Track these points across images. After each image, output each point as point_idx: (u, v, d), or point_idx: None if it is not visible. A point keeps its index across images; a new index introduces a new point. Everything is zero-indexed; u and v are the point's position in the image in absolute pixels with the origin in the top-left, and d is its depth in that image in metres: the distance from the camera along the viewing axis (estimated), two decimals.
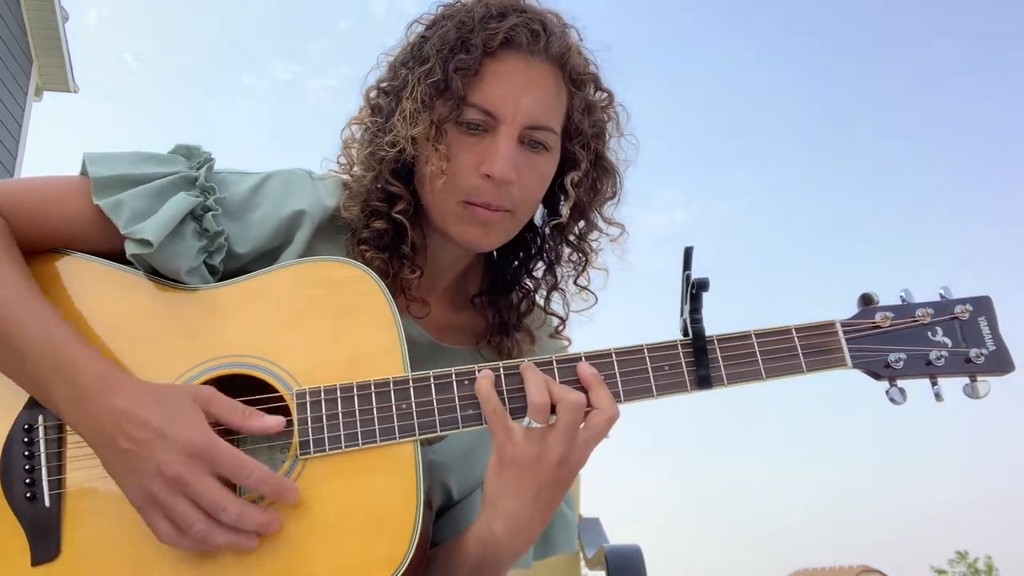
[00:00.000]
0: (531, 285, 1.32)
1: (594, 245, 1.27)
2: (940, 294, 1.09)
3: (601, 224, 1.26)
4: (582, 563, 2.35)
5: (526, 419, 1.01)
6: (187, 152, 1.19)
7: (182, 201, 1.12)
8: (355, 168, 1.22)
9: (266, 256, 1.19)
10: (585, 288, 1.29)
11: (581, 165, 1.20)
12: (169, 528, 0.97)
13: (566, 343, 1.34)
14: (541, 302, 1.32)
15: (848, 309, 1.10)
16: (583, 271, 1.28)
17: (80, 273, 1.13)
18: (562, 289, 1.30)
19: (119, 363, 1.08)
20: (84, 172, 1.14)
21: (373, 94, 1.22)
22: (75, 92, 11.35)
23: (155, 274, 1.13)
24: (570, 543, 1.34)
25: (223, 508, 0.95)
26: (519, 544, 1.06)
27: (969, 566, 35.97)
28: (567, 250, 1.28)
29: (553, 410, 1.01)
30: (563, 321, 1.32)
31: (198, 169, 1.17)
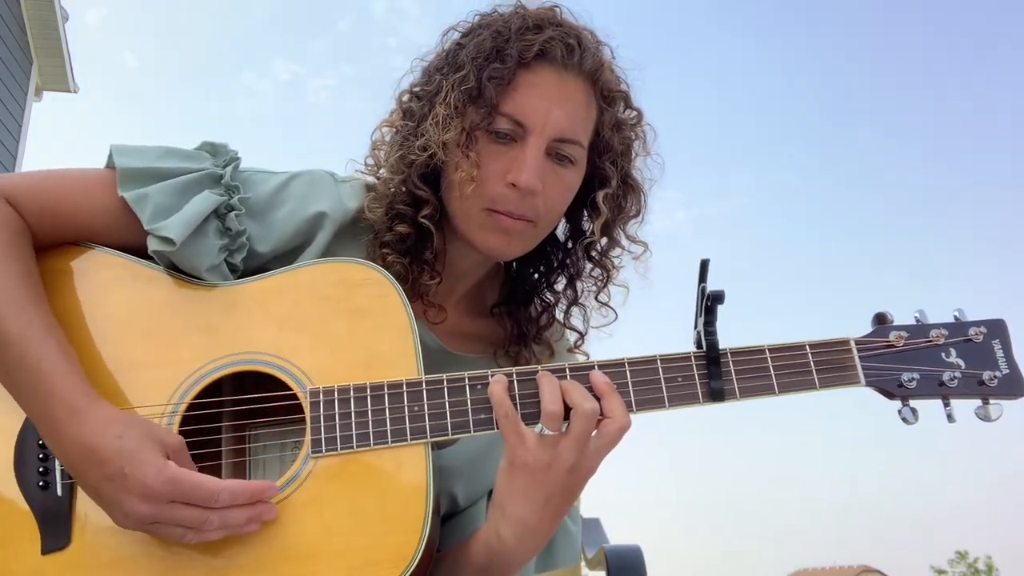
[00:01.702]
0: (551, 298, 1.32)
1: (616, 262, 1.27)
2: (955, 316, 1.10)
3: (624, 242, 1.26)
4: (582, 563, 2.36)
5: (539, 425, 1.02)
6: (213, 149, 1.20)
7: (206, 199, 1.13)
8: (382, 170, 1.23)
9: (286, 256, 1.19)
10: (606, 304, 1.29)
11: (611, 182, 1.20)
12: (166, 537, 0.99)
13: (584, 358, 1.33)
14: (560, 316, 1.32)
15: (847, 308, 1.14)
16: (604, 287, 1.28)
17: (99, 266, 1.14)
18: (583, 304, 1.30)
19: (132, 358, 1.09)
20: (110, 164, 1.15)
21: (406, 98, 1.23)
22: (75, 92, 11.34)
23: (175, 269, 1.14)
24: (573, 556, 1.34)
25: (203, 522, 0.97)
26: (525, 550, 1.06)
27: (969, 566, 35.89)
28: (589, 265, 1.29)
29: (566, 417, 1.02)
30: (582, 336, 1.32)
31: (224, 167, 1.17)
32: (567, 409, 1.02)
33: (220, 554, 1.01)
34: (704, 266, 1.06)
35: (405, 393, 1.06)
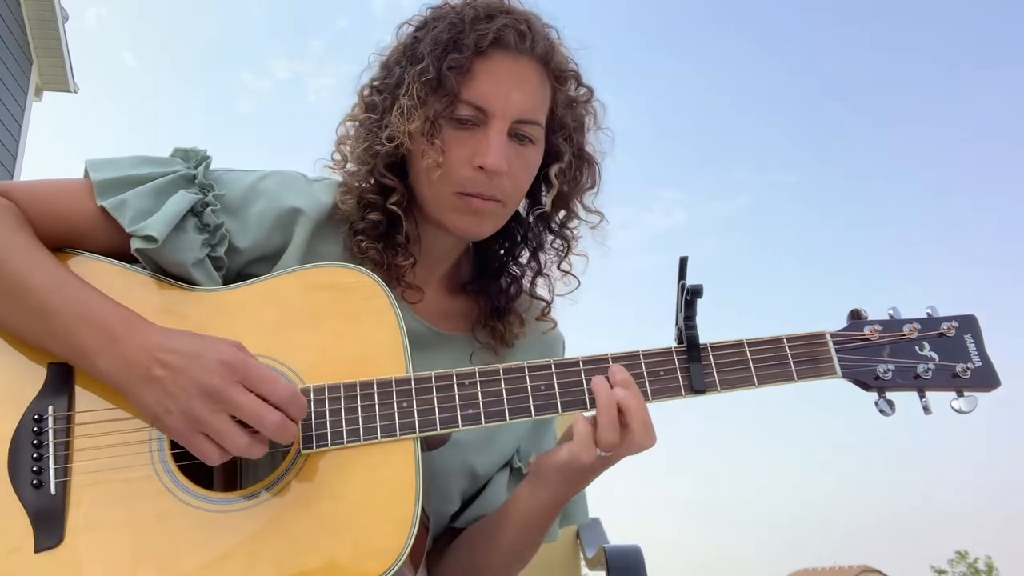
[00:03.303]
0: (517, 271, 1.39)
1: (576, 232, 1.34)
2: (927, 312, 1.13)
3: (581, 212, 1.33)
4: (582, 563, 2.36)
5: (600, 452, 1.08)
6: (184, 154, 1.25)
7: (182, 198, 1.17)
8: (349, 164, 1.28)
9: (268, 258, 1.23)
10: (568, 273, 1.36)
11: (564, 157, 1.27)
12: (214, 449, 1.01)
13: (552, 325, 1.41)
14: (527, 286, 1.38)
15: (844, 310, 1.14)
16: (565, 257, 1.35)
17: (90, 271, 1.15)
18: (546, 274, 1.37)
19: None
20: (87, 178, 1.19)
21: (367, 92, 1.28)
22: (75, 92, 11.29)
23: (162, 272, 1.16)
24: (585, 514, 1.46)
25: (265, 417, 1.00)
26: (562, 505, 1.19)
27: (969, 566, 35.73)
28: (550, 237, 1.35)
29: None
30: (548, 304, 1.39)
31: (196, 168, 1.22)
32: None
33: (210, 550, 1.03)
34: (683, 263, 1.09)
35: (394, 390, 1.09)
